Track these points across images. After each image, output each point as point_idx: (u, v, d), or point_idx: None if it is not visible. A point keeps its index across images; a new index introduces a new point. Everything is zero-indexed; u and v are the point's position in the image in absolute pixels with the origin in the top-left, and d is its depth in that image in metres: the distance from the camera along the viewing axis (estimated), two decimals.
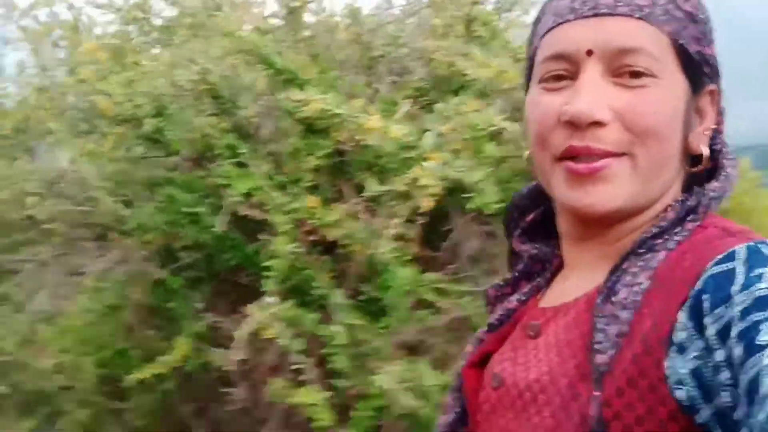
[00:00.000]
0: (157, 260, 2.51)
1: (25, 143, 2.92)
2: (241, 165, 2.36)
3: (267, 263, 2.25)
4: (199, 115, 2.44)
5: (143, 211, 2.41)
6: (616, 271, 0.76)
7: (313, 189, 2.37)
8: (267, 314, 2.19)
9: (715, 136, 0.83)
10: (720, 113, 0.83)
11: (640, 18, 0.77)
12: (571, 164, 0.77)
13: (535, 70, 0.82)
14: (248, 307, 2.25)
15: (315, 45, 2.63)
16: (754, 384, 0.59)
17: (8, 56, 3.24)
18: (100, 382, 2.60)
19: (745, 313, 0.63)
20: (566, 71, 0.78)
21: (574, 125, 0.76)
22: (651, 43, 0.76)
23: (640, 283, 0.73)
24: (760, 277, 0.65)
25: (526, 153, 0.87)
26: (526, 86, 0.87)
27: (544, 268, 0.90)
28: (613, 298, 0.74)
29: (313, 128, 2.33)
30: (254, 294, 2.31)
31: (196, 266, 2.51)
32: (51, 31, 2.85)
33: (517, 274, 0.92)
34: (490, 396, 0.83)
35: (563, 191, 0.79)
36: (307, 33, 2.66)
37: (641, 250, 0.76)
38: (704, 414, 0.66)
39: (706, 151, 0.81)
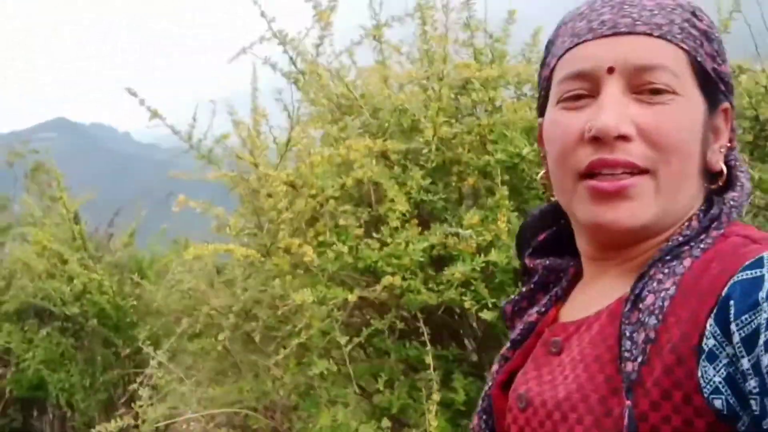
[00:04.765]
0: None
1: None
2: None
3: None
4: None
5: None
6: (643, 277, 0.75)
7: None
8: None
9: (728, 152, 0.83)
10: (733, 130, 0.84)
11: (659, 36, 0.78)
12: (595, 182, 0.77)
13: (553, 91, 0.83)
14: None
15: None
16: None
17: None
18: None
19: None
20: (586, 90, 0.79)
21: (599, 141, 0.76)
22: (671, 61, 0.77)
23: (667, 289, 0.73)
24: None
25: (540, 174, 0.87)
26: (542, 109, 0.87)
27: (560, 278, 0.90)
28: (641, 305, 0.73)
29: None
30: None
31: None
32: None
33: (532, 286, 0.92)
34: (517, 418, 0.81)
35: (586, 209, 0.79)
36: None
37: (667, 258, 0.76)
38: (745, 421, 0.65)
39: (723, 168, 0.81)
